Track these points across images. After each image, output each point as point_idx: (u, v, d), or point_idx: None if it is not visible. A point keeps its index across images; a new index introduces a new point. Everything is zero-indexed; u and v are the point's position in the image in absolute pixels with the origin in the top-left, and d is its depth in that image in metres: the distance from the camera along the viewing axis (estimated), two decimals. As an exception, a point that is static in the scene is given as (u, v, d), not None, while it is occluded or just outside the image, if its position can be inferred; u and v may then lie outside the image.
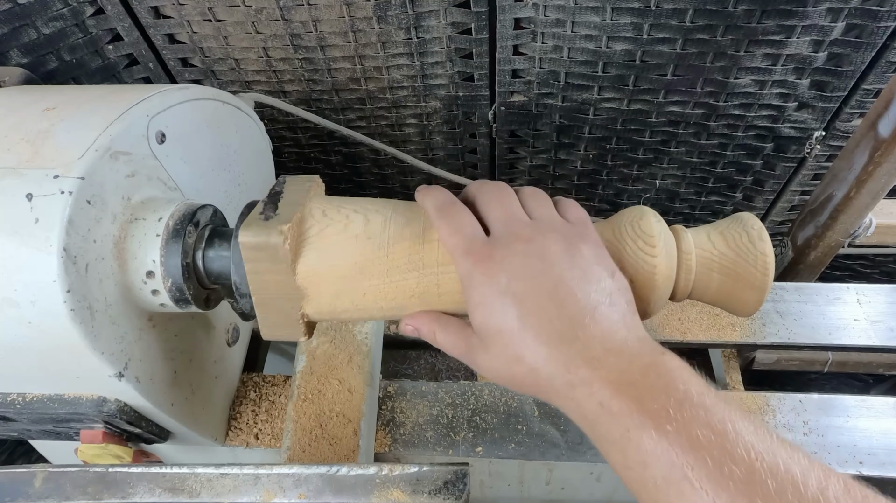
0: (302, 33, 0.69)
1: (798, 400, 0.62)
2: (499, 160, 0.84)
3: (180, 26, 0.69)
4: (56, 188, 0.36)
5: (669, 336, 0.68)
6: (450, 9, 0.65)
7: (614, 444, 0.30)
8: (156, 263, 0.40)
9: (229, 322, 0.58)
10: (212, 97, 0.51)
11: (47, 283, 0.36)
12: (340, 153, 0.87)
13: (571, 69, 0.70)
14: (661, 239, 0.37)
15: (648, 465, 0.27)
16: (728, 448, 0.26)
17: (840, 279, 0.97)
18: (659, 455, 0.27)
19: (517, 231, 0.36)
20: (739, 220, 0.39)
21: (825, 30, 0.62)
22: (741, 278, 0.38)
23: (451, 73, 0.72)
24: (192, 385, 0.51)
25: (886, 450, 0.59)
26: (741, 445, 0.26)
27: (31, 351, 0.39)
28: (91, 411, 0.43)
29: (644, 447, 0.27)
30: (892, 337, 0.67)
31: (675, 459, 0.26)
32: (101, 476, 0.41)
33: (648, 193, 0.88)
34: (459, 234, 0.36)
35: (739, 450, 0.26)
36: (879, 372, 0.75)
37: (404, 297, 0.39)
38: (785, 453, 0.26)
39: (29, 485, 0.41)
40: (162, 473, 0.41)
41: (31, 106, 0.43)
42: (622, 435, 0.29)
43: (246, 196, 0.58)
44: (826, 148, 0.74)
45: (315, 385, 0.59)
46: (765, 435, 0.27)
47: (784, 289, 0.70)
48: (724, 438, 0.26)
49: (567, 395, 0.32)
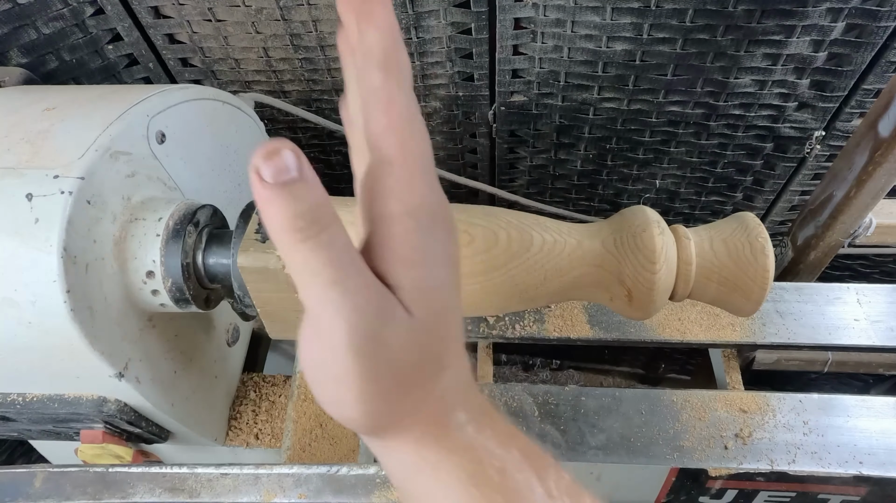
0: (302, 33, 0.69)
1: (798, 400, 0.62)
2: (499, 160, 0.84)
3: (180, 26, 0.69)
4: (56, 188, 0.36)
5: (669, 336, 0.68)
6: (450, 9, 0.65)
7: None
8: (156, 263, 0.40)
9: (229, 322, 0.58)
10: (212, 97, 0.51)
11: (47, 283, 0.36)
12: (340, 153, 0.87)
13: (571, 69, 0.70)
14: (662, 255, 0.37)
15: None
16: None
17: (840, 279, 0.97)
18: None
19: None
20: (745, 228, 0.38)
21: (825, 30, 0.62)
22: (738, 289, 0.38)
23: (451, 72, 0.72)
24: (192, 385, 0.51)
25: (886, 450, 0.59)
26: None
27: (31, 351, 0.39)
28: (91, 411, 0.43)
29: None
30: (892, 337, 0.67)
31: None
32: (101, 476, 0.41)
33: (648, 193, 0.88)
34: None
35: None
36: (879, 372, 0.75)
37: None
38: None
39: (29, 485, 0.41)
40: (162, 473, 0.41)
41: (31, 106, 0.43)
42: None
43: (246, 196, 0.58)
44: (826, 148, 0.74)
45: (315, 385, 0.59)
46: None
47: (784, 289, 0.70)
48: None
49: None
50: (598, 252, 0.39)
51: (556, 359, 1.14)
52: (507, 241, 0.39)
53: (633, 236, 0.38)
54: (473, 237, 0.39)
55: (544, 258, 0.39)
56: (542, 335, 0.68)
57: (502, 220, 0.40)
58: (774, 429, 0.61)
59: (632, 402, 0.63)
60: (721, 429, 0.61)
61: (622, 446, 0.60)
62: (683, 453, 0.60)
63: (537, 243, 0.39)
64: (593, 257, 0.39)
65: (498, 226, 0.39)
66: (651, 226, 0.38)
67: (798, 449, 0.59)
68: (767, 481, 0.61)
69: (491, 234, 0.39)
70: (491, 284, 0.39)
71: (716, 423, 0.62)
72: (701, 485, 0.62)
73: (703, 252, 0.38)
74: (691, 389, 0.64)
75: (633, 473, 0.61)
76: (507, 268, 0.39)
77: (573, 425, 0.62)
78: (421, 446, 0.25)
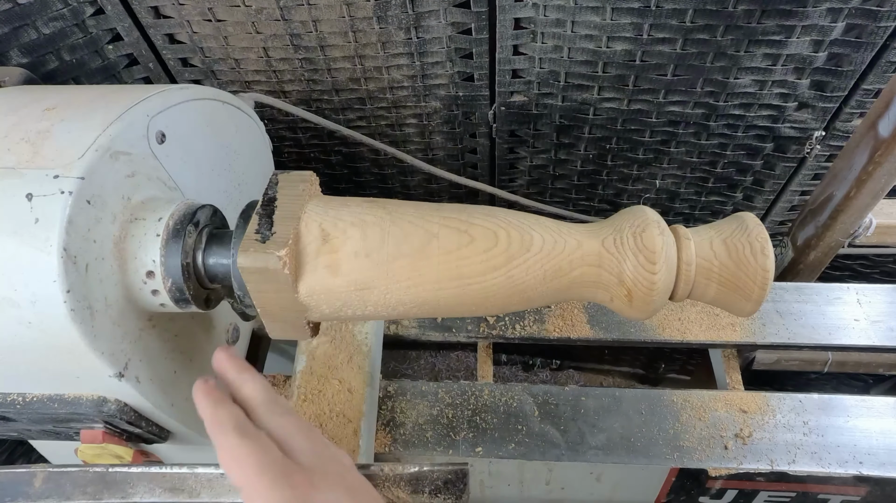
0: (302, 33, 0.69)
1: (798, 400, 0.63)
2: (499, 160, 0.84)
3: (180, 26, 0.69)
4: (56, 188, 0.36)
5: (669, 336, 0.68)
6: (450, 9, 0.65)
7: None
8: (156, 263, 0.40)
9: (229, 322, 0.58)
10: (212, 97, 0.51)
11: (47, 283, 0.36)
12: (340, 153, 0.87)
13: (571, 69, 0.70)
14: (662, 255, 0.37)
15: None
16: None
17: (840, 279, 0.97)
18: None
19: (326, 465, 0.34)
20: (745, 228, 0.38)
21: (825, 30, 0.62)
22: (738, 289, 0.38)
23: (451, 73, 0.72)
24: (192, 385, 0.50)
25: (886, 449, 0.59)
26: None
27: (31, 351, 0.39)
28: (91, 411, 0.43)
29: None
30: (892, 337, 0.67)
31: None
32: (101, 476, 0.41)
33: (648, 193, 0.88)
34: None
35: None
36: (879, 372, 0.75)
37: (405, 308, 0.39)
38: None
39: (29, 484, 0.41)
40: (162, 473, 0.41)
41: (31, 106, 0.43)
42: None
43: (246, 196, 0.58)
44: (826, 148, 0.74)
45: (315, 385, 0.59)
46: None
47: (784, 289, 0.70)
48: None
49: None
50: (598, 252, 0.39)
51: (556, 359, 1.14)
52: (507, 241, 0.39)
53: (633, 236, 0.38)
54: (473, 237, 0.39)
55: (544, 258, 0.39)
56: (542, 335, 0.68)
57: (502, 220, 0.40)
58: (774, 429, 0.61)
59: (632, 403, 0.63)
60: (721, 429, 0.61)
61: (622, 446, 0.60)
62: (683, 453, 0.60)
63: (537, 243, 0.39)
64: (593, 257, 0.39)
65: (498, 226, 0.39)
66: (651, 226, 0.38)
67: (798, 449, 0.59)
68: (767, 481, 0.61)
69: (491, 234, 0.39)
70: (491, 284, 0.39)
71: (716, 423, 0.62)
72: (701, 485, 0.62)
73: (703, 252, 0.38)
74: (691, 389, 0.64)
75: (633, 473, 0.61)
76: (507, 268, 0.39)
77: (573, 425, 0.62)
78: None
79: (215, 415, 0.34)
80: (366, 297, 0.39)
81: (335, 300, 0.39)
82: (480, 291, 0.39)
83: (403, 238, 0.39)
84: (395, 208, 0.40)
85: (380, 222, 0.39)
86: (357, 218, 0.39)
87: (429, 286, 0.39)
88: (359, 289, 0.38)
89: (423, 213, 0.40)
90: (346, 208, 0.40)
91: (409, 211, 0.40)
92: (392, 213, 0.40)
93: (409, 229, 0.39)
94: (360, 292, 0.38)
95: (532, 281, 0.39)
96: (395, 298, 0.39)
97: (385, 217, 0.40)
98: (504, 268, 0.39)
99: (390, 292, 0.39)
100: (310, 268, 0.38)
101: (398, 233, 0.39)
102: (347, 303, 0.39)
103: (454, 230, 0.39)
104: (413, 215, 0.40)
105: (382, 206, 0.40)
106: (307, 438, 0.35)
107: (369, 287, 0.38)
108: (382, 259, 0.38)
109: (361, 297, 0.39)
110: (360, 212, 0.40)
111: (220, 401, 0.36)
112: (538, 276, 0.39)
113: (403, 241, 0.39)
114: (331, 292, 0.38)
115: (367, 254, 0.38)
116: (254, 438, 0.33)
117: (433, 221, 0.39)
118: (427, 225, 0.39)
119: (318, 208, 0.40)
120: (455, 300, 0.39)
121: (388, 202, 0.41)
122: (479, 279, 0.39)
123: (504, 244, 0.39)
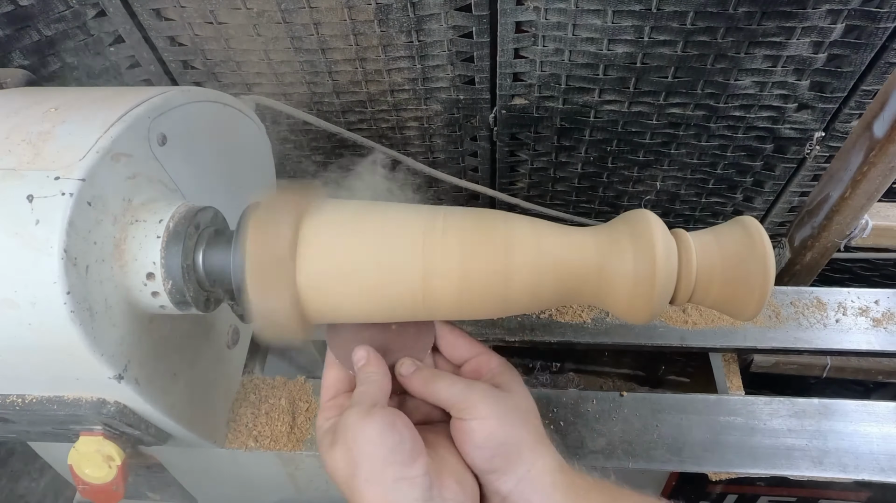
0: (303, 36, 0.69)
1: (799, 404, 0.62)
2: (500, 163, 0.84)
3: (182, 29, 0.69)
4: (57, 190, 0.36)
5: (669, 339, 0.68)
6: (451, 12, 0.66)
7: None
8: (156, 265, 0.40)
9: (229, 324, 0.58)
10: (213, 99, 0.51)
11: (47, 285, 0.36)
12: (341, 155, 0.87)
13: (572, 72, 0.70)
14: (663, 259, 0.37)
15: None
16: None
17: (840, 282, 0.97)
18: None
19: None
20: (746, 232, 0.38)
21: (825, 31, 0.62)
22: (739, 293, 0.38)
23: (452, 76, 0.72)
24: (191, 387, 0.50)
25: (887, 455, 0.59)
26: None
27: (30, 352, 0.39)
28: (91, 413, 0.43)
29: None
30: (892, 342, 0.67)
31: None
32: None
33: (649, 195, 0.88)
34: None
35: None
36: (879, 379, 0.75)
37: (396, 307, 0.40)
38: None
39: None
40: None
41: (32, 107, 0.43)
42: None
43: (247, 198, 0.58)
44: (826, 149, 0.74)
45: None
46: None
47: (784, 292, 0.70)
48: None
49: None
50: (598, 256, 0.39)
51: (556, 361, 1.14)
52: (507, 244, 0.39)
53: (633, 240, 0.38)
54: (473, 241, 0.39)
55: (544, 261, 0.39)
56: (542, 338, 0.68)
57: (502, 223, 0.40)
58: (775, 433, 0.61)
59: (632, 406, 0.63)
60: (721, 432, 0.61)
61: (622, 450, 0.60)
62: (683, 457, 0.59)
63: (537, 246, 0.39)
64: (594, 261, 0.39)
65: (498, 229, 0.39)
66: (652, 230, 0.37)
67: (798, 453, 0.59)
68: (768, 486, 0.61)
69: (490, 237, 0.39)
70: (490, 288, 0.39)
71: (716, 427, 0.61)
72: (701, 489, 0.62)
73: (703, 256, 0.38)
74: (691, 393, 0.64)
75: (633, 478, 0.61)
76: (507, 271, 0.38)
77: (573, 429, 0.62)
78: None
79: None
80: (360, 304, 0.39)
81: (335, 315, 0.40)
82: (480, 295, 0.39)
83: (398, 247, 0.39)
84: (389, 210, 0.41)
85: (378, 226, 0.40)
86: (349, 226, 0.40)
87: (414, 285, 0.39)
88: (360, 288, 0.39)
89: (415, 217, 0.40)
90: (340, 219, 0.41)
91: (400, 213, 0.41)
92: (384, 218, 0.41)
93: (401, 232, 0.40)
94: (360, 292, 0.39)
95: (532, 284, 0.39)
96: (387, 301, 0.39)
97: (380, 220, 0.40)
98: (504, 272, 0.39)
99: (383, 298, 0.39)
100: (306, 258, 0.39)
101: (394, 242, 0.40)
102: (343, 312, 0.39)
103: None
104: (404, 213, 0.41)
105: (381, 210, 0.41)
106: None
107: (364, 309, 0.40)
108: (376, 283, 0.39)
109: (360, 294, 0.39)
110: (355, 217, 0.41)
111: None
112: (538, 280, 0.39)
113: (398, 252, 0.39)
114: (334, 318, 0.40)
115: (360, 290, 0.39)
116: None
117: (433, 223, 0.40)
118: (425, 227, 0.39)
119: (313, 222, 0.41)
120: (441, 301, 0.39)
121: (387, 207, 0.41)
122: (478, 282, 0.39)
123: (504, 248, 0.39)
